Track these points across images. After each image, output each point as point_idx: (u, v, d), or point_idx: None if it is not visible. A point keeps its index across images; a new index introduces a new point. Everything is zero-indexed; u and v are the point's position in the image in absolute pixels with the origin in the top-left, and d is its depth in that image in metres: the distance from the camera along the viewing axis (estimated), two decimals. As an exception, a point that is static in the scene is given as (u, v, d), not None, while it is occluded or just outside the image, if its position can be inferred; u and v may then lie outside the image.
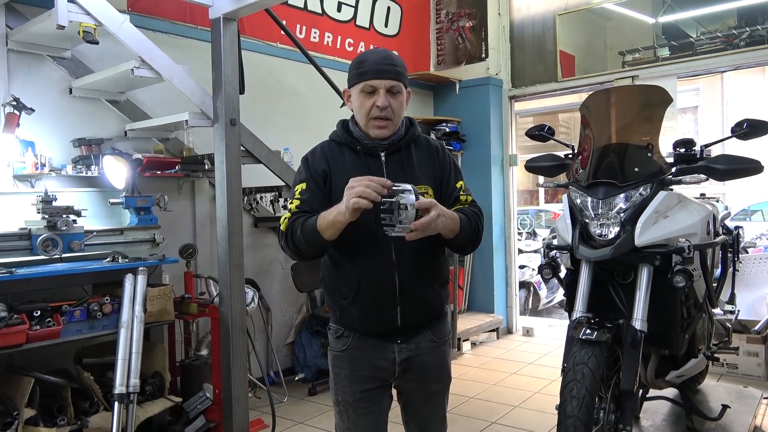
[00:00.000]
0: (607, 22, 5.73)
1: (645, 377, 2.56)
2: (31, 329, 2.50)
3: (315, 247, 1.62)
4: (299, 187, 1.71)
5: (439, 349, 1.79)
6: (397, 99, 1.68)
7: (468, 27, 5.75)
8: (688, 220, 2.29)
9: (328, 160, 1.73)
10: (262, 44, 4.35)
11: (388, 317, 1.69)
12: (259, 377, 3.88)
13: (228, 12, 2.94)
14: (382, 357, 1.73)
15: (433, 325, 1.78)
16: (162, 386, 3.06)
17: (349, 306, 1.71)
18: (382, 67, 1.66)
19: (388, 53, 1.72)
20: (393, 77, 1.67)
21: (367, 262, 1.67)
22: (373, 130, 1.70)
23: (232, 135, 3.04)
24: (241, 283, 3.10)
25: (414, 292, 1.70)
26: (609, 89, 2.52)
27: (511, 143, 5.83)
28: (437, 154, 1.79)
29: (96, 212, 3.23)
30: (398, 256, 1.66)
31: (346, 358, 1.75)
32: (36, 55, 3.16)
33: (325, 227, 1.56)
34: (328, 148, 1.77)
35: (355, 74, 1.69)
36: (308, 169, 1.73)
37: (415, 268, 1.69)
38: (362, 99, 1.68)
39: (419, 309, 1.73)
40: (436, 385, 1.83)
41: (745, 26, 4.84)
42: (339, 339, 1.77)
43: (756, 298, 4.50)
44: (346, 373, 1.75)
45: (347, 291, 1.71)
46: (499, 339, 5.60)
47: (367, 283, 1.68)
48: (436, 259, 1.77)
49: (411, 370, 1.74)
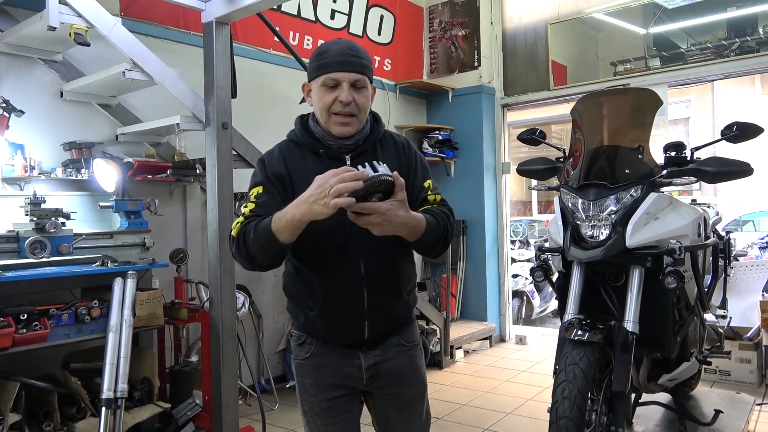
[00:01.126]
0: (598, 33, 5.79)
1: (637, 381, 2.55)
2: (17, 332, 2.47)
3: (270, 251, 1.46)
4: (255, 191, 1.56)
5: (409, 353, 1.69)
6: (362, 94, 1.54)
7: (461, 36, 5.78)
8: (678, 222, 2.29)
9: (287, 164, 1.58)
10: (255, 50, 4.36)
11: (356, 331, 1.60)
12: (250, 384, 3.84)
13: (220, 16, 2.95)
14: (347, 364, 1.62)
15: (400, 330, 1.68)
16: (151, 392, 3.02)
17: (313, 317, 1.61)
18: (346, 59, 1.52)
19: (352, 44, 1.57)
20: (358, 70, 1.52)
21: (334, 275, 1.56)
22: (335, 127, 1.55)
23: (223, 138, 3.03)
24: (231, 287, 3.07)
25: (382, 305, 1.60)
26: (599, 92, 2.53)
27: (503, 151, 5.85)
28: (403, 151, 1.66)
29: (86, 216, 3.21)
30: (367, 269, 1.55)
31: (309, 366, 1.64)
32: (27, 58, 3.15)
33: (281, 228, 1.40)
34: (287, 149, 1.62)
35: (316, 66, 1.54)
36: (264, 172, 1.58)
37: (384, 280, 1.59)
38: (323, 93, 1.53)
39: (387, 320, 1.64)
40: (409, 391, 1.70)
41: (735, 38, 4.90)
42: (302, 346, 1.66)
43: (748, 305, 4.51)
44: (310, 382, 1.64)
45: (313, 303, 1.60)
46: (492, 347, 5.57)
47: (334, 297, 1.57)
48: (406, 268, 1.66)
49: (380, 376, 1.64)
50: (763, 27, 4.81)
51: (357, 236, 1.51)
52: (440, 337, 4.91)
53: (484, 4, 5.71)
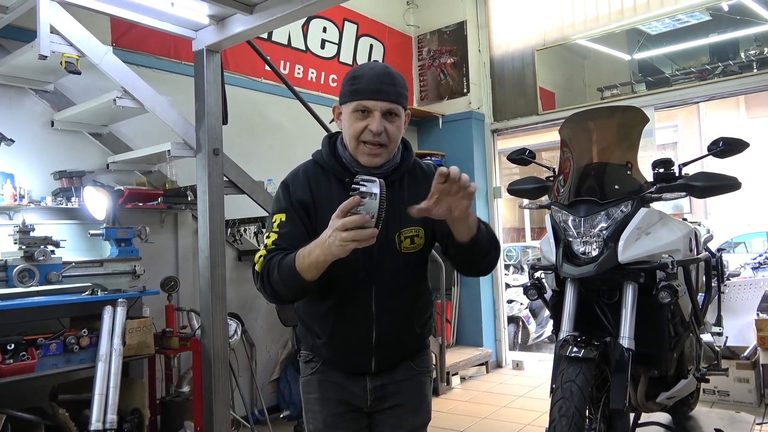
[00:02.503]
0: (584, 60, 5.90)
1: (635, 400, 2.51)
2: (4, 363, 2.43)
3: (294, 288, 1.41)
4: (278, 218, 1.49)
5: (419, 378, 1.64)
6: (394, 123, 1.46)
7: (449, 63, 5.87)
8: (670, 237, 2.30)
9: (312, 190, 1.51)
10: (246, 79, 4.41)
11: (362, 364, 1.57)
12: (243, 415, 3.77)
13: (211, 44, 2.99)
14: (353, 383, 1.59)
15: (413, 356, 1.64)
16: (141, 424, 2.94)
17: (320, 345, 1.58)
18: (380, 87, 1.44)
19: (388, 69, 1.49)
20: (392, 99, 1.45)
21: (343, 309, 1.52)
22: (363, 156, 1.47)
23: (215, 164, 3.03)
24: (223, 314, 3.04)
25: (391, 341, 1.55)
26: (587, 110, 2.55)
27: (495, 176, 5.89)
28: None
29: (76, 245, 3.18)
30: (378, 306, 1.51)
31: (315, 381, 1.60)
32: (18, 88, 3.17)
33: (305, 268, 1.34)
34: (312, 173, 1.55)
35: (348, 91, 1.48)
36: (289, 198, 1.51)
37: (395, 317, 1.54)
38: (353, 120, 1.46)
39: (396, 354, 1.60)
40: (413, 419, 1.63)
41: (718, 62, 5.00)
42: (308, 363, 1.63)
43: (744, 324, 4.49)
44: (315, 398, 1.60)
45: (321, 332, 1.56)
46: (489, 373, 5.51)
47: (341, 330, 1.54)
48: (420, 300, 1.61)
49: (386, 398, 1.59)
50: (744, 51, 4.92)
51: (374, 272, 1.50)
52: (436, 363, 4.85)
53: (472, 32, 5.82)
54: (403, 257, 1.52)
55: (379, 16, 5.68)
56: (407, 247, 1.52)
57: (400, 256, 1.52)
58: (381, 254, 1.49)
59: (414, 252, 1.54)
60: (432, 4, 6.03)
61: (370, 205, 1.21)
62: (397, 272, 1.52)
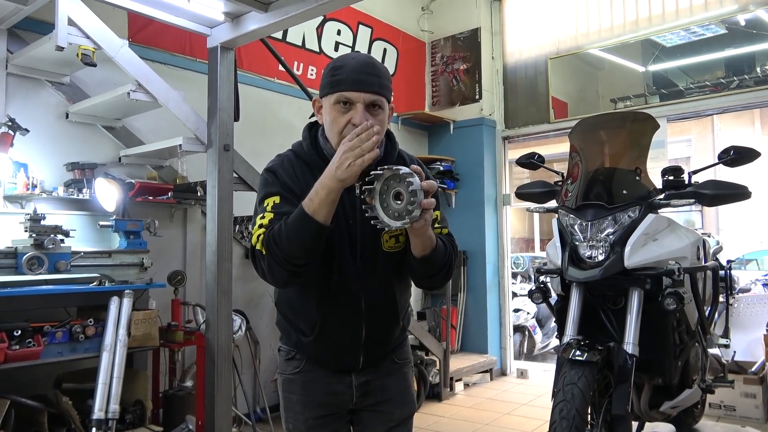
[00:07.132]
0: (598, 71, 5.88)
1: (639, 408, 2.49)
2: (9, 348, 2.45)
3: (308, 239, 1.32)
4: (271, 201, 1.42)
5: (401, 371, 1.64)
6: (377, 116, 1.39)
7: (462, 70, 5.89)
8: (677, 244, 2.29)
9: (299, 180, 1.46)
10: (259, 78, 4.44)
11: (349, 359, 1.55)
12: (245, 413, 3.77)
13: (225, 41, 3.01)
14: (338, 381, 1.56)
15: (395, 349, 1.64)
16: (143, 415, 2.97)
17: (306, 343, 1.55)
18: (362, 77, 1.38)
19: (370, 59, 1.44)
20: (375, 90, 1.39)
21: (333, 308, 1.50)
22: None
23: (225, 160, 3.05)
24: (228, 309, 3.05)
25: (380, 336, 1.56)
26: (597, 116, 2.55)
27: (504, 182, 5.88)
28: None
29: (85, 235, 3.21)
30: (368, 303, 1.50)
31: (298, 381, 1.57)
32: (35, 80, 3.21)
33: (317, 207, 1.29)
34: (297, 165, 1.50)
35: (329, 83, 1.41)
36: (278, 183, 1.46)
37: (383, 313, 1.54)
38: (335, 113, 1.40)
39: (384, 348, 1.60)
40: (399, 411, 1.62)
41: (733, 76, 4.97)
42: (290, 361, 1.59)
43: (752, 339, 4.44)
44: (297, 398, 1.56)
45: (307, 329, 1.53)
46: (493, 380, 5.48)
47: (330, 328, 1.51)
48: (404, 295, 1.61)
49: (370, 393, 1.58)
50: (760, 66, 4.88)
51: (362, 269, 1.49)
52: (440, 369, 4.84)
53: (486, 39, 5.84)
54: (388, 255, 1.52)
55: (393, 20, 5.71)
56: (392, 246, 1.51)
57: (385, 254, 1.51)
58: (367, 251, 1.49)
59: (397, 251, 1.52)
60: (446, 10, 6.05)
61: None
62: (384, 269, 1.52)
